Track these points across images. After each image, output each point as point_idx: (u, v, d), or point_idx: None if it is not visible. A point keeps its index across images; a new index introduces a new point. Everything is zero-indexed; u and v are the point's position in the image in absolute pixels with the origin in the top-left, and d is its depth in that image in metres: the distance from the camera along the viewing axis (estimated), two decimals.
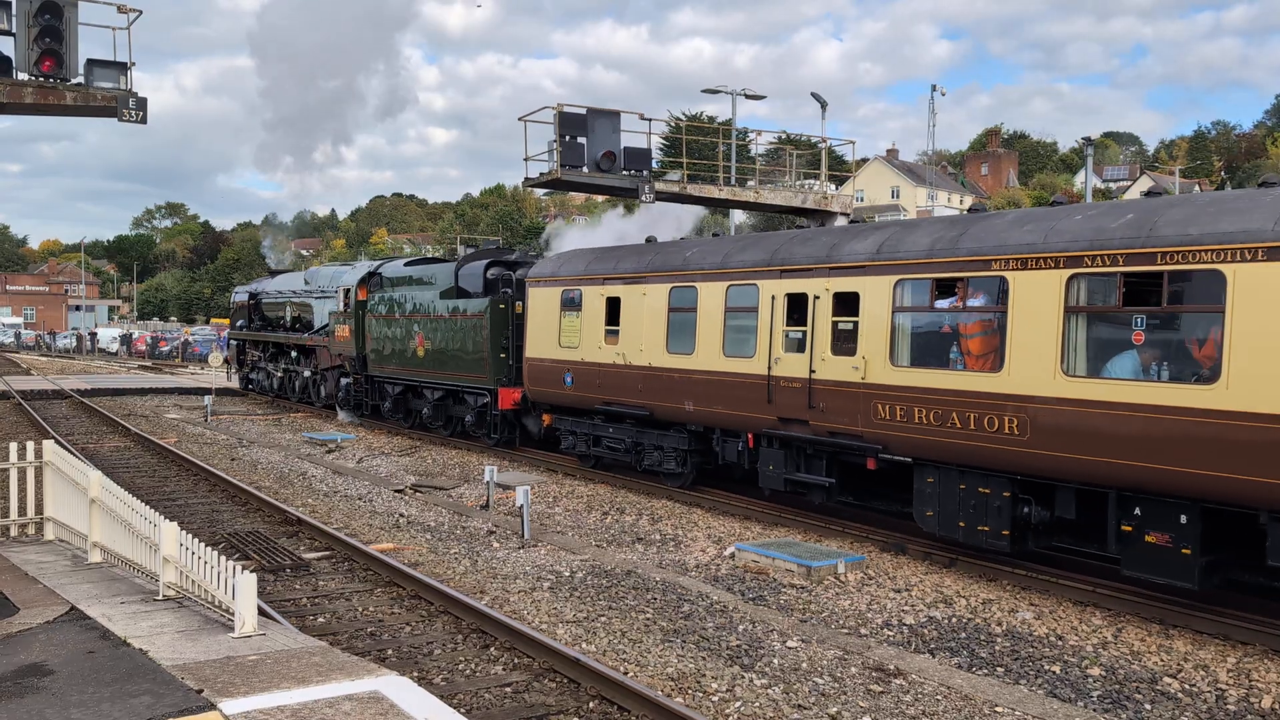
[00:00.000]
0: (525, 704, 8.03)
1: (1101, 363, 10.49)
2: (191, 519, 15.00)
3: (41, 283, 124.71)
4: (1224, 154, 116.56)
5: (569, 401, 18.99)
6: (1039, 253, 10.99)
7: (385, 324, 25.49)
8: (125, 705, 6.24)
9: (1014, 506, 11.32)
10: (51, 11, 15.48)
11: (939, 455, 12.02)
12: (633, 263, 17.58)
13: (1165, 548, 10.01)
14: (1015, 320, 11.13)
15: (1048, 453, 10.79)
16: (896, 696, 8.25)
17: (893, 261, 12.66)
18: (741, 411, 14.90)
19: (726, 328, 15.26)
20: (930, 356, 12.26)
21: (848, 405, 13.11)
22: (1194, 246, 9.65)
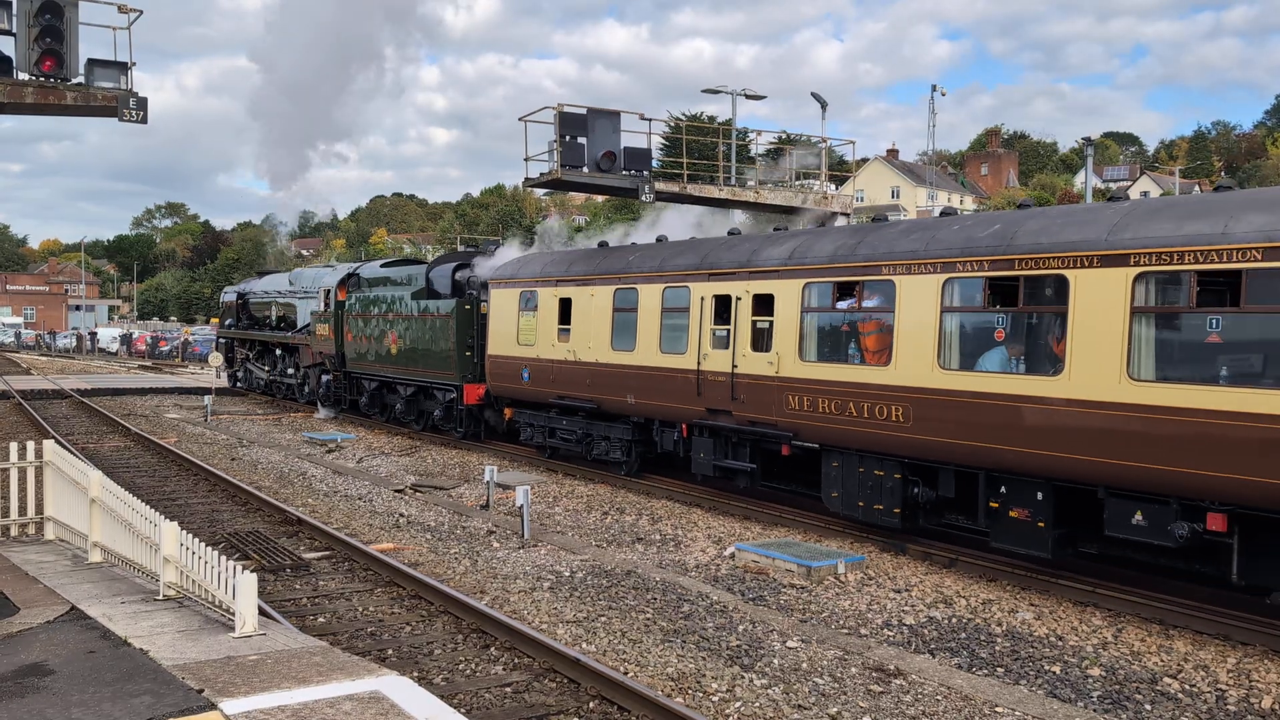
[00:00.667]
0: (525, 704, 8.03)
1: (972, 358, 11.78)
2: (192, 519, 15.00)
3: (41, 282, 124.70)
4: (1224, 154, 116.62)
5: (527, 396, 20.21)
6: (921, 259, 12.27)
7: (362, 323, 26.67)
8: (126, 705, 6.24)
9: (904, 487, 12.63)
10: (52, 11, 15.48)
11: (841, 441, 13.34)
12: (583, 266, 18.89)
13: (1025, 522, 11.28)
14: (901, 319, 12.43)
15: (928, 438, 12.07)
16: (896, 697, 8.25)
17: (802, 266, 14.02)
18: (676, 404, 16.20)
19: (663, 326, 16.56)
20: (833, 352, 13.66)
21: (764, 397, 14.41)
22: (1044, 254, 10.96)
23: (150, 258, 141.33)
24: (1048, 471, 10.87)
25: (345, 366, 27.85)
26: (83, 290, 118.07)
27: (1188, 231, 9.82)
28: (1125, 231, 10.36)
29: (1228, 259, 9.43)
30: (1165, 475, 9.78)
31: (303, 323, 31.20)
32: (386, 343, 25.37)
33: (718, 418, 15.34)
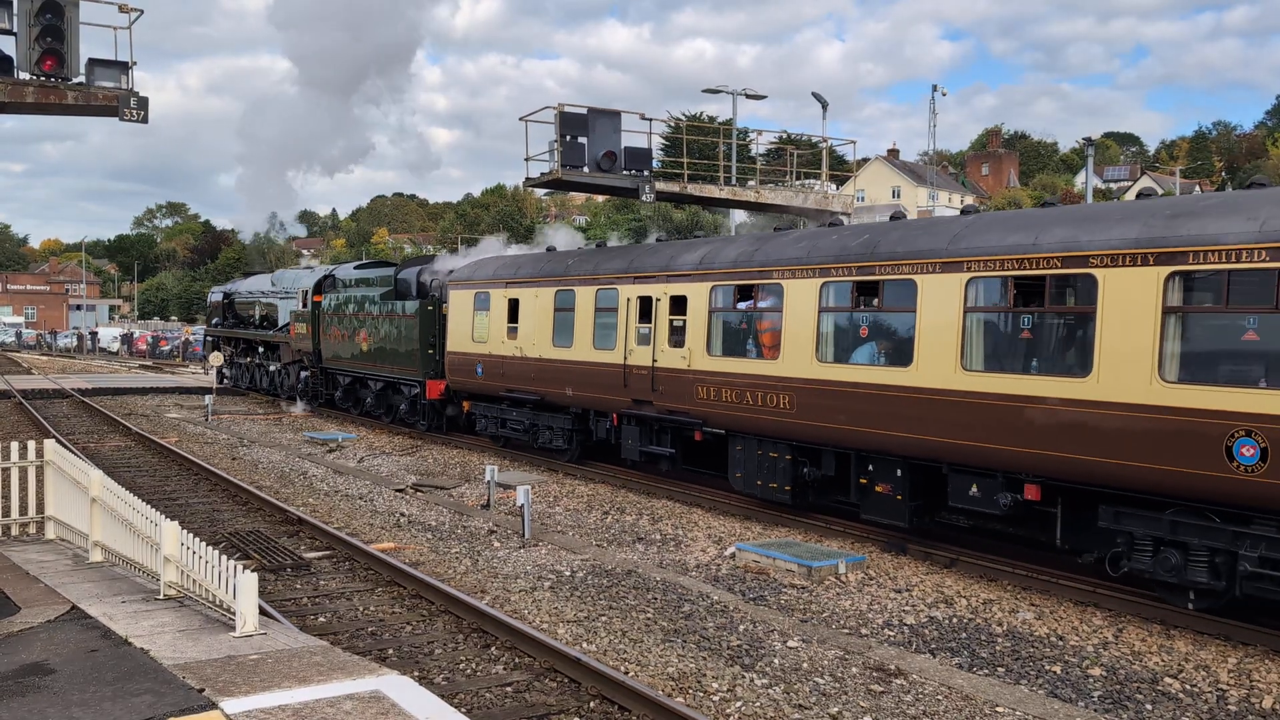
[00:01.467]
0: (526, 703, 8.03)
1: (845, 352, 13.42)
2: (192, 518, 15.01)
3: (42, 282, 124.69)
4: (1225, 154, 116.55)
5: (481, 389, 21.88)
6: (803, 264, 13.93)
7: (337, 322, 28.29)
8: (127, 704, 6.24)
9: (794, 467, 14.26)
10: (53, 11, 15.46)
11: (742, 427, 14.96)
12: (529, 269, 20.52)
13: (888, 496, 12.94)
14: (788, 317, 14.04)
15: (810, 423, 13.72)
16: (897, 696, 8.25)
17: (710, 271, 15.67)
18: (607, 395, 17.83)
19: (596, 325, 18.11)
20: (734, 348, 15.25)
21: (679, 388, 16.06)
22: (899, 260, 12.54)
23: (151, 257, 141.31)
24: (904, 451, 12.49)
25: (321, 363, 29.43)
26: (83, 290, 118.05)
27: (1009, 242, 11.37)
28: (962, 241, 11.91)
29: (1036, 266, 11.06)
30: (991, 452, 11.34)
31: (283, 322, 32.65)
32: (358, 341, 26.92)
33: (642, 407, 16.99)
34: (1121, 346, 10.20)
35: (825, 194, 27.16)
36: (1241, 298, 9.49)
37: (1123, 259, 10.32)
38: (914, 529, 13.04)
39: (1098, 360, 10.36)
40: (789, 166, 29.47)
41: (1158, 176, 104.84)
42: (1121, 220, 10.63)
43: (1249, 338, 9.52)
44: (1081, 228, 10.90)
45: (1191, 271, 9.79)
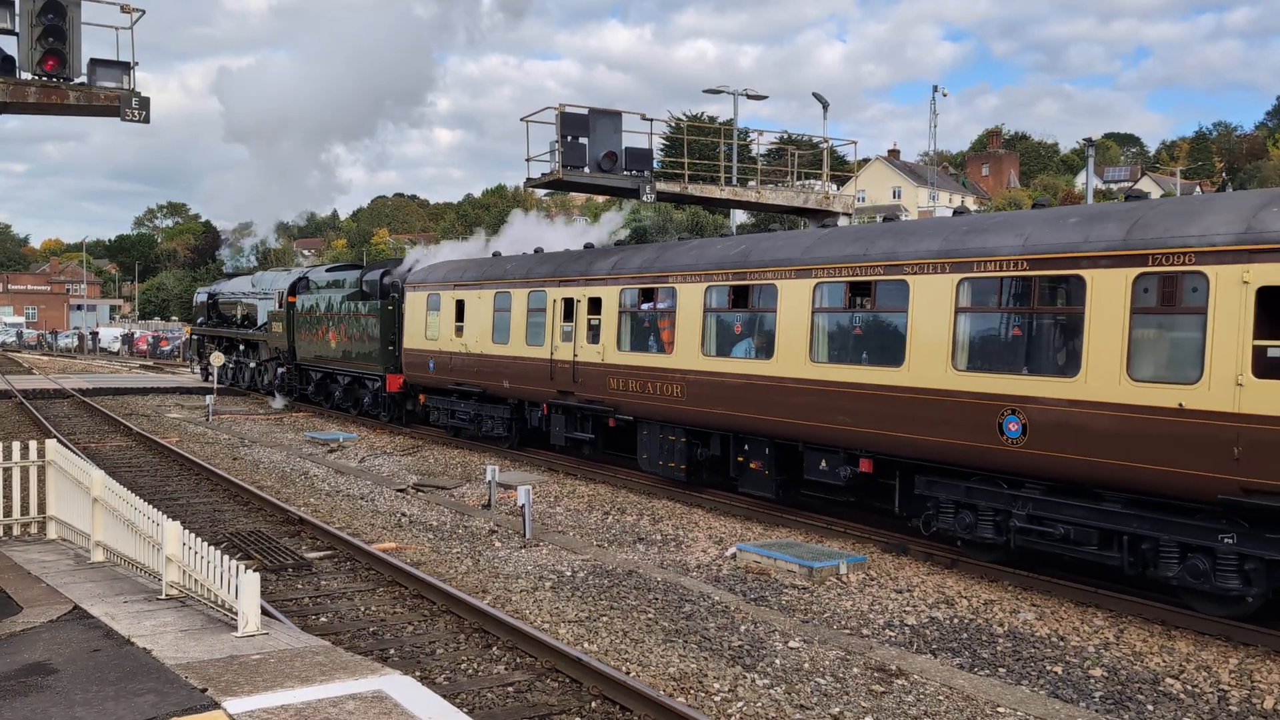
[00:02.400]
0: (528, 703, 8.04)
1: (725, 346, 15.56)
2: (194, 518, 15.01)
3: (43, 282, 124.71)
4: (1225, 155, 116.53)
5: (433, 383, 24.00)
6: (693, 271, 16.14)
7: (309, 321, 30.22)
8: (129, 704, 6.25)
9: (689, 449, 16.34)
10: (54, 11, 15.47)
11: (646, 414, 17.03)
12: (474, 273, 22.63)
13: (759, 471, 15.05)
14: (680, 317, 16.20)
15: (698, 409, 15.78)
16: (899, 697, 8.25)
17: (620, 275, 17.82)
18: (537, 387, 19.96)
19: (528, 324, 20.20)
20: (639, 343, 17.31)
21: (596, 380, 18.06)
22: (764, 268, 14.77)
23: (151, 257, 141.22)
24: (770, 432, 14.59)
25: (296, 360, 31.37)
26: (84, 290, 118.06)
27: (846, 253, 13.50)
28: (812, 252, 14.05)
29: (865, 273, 13.08)
30: (833, 432, 13.42)
31: (262, 321, 34.58)
32: (328, 339, 28.89)
33: (566, 398, 19.00)
34: (926, 340, 12.18)
35: (826, 194, 27.17)
36: (1010, 300, 11.60)
37: (928, 267, 12.31)
38: (780, 500, 15.07)
39: (909, 352, 12.37)
40: (790, 167, 29.48)
41: (1158, 177, 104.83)
42: (929, 235, 12.63)
43: (1015, 333, 11.58)
44: (900, 241, 12.87)
45: (975, 278, 11.79)
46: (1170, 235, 10.19)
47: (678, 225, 68.25)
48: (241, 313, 37.25)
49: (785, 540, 13.42)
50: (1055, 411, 10.78)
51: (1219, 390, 9.51)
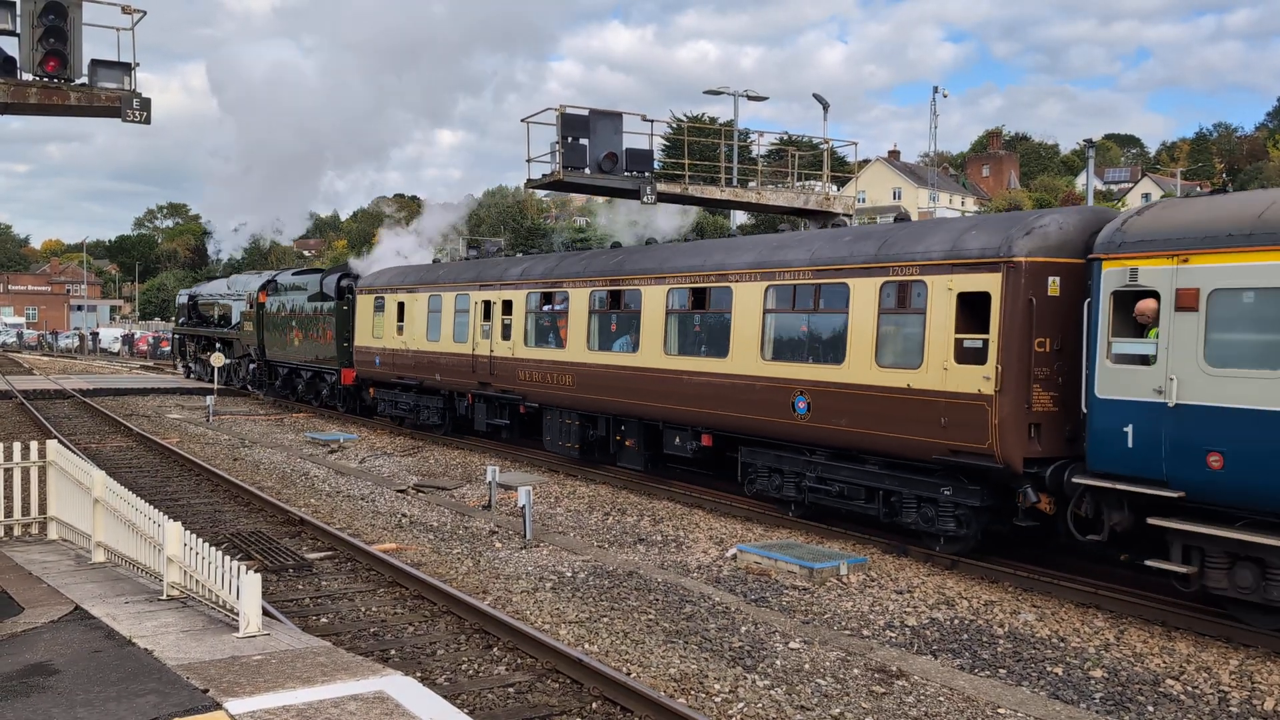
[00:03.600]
0: (528, 704, 8.05)
1: (606, 342, 18.13)
2: (194, 519, 15.01)
3: (44, 283, 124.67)
4: (1225, 156, 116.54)
5: (380, 377, 26.40)
6: (581, 277, 18.74)
7: (276, 321, 32.66)
8: (131, 704, 6.25)
9: (581, 430, 18.79)
10: (55, 12, 15.49)
11: (548, 401, 19.61)
12: (413, 278, 25.43)
13: (632, 448, 17.76)
14: (571, 317, 18.83)
15: (587, 396, 18.32)
16: (899, 698, 8.26)
17: (528, 281, 20.48)
18: (462, 379, 22.56)
19: (455, 323, 22.71)
20: (542, 339, 19.97)
21: (509, 372, 20.67)
22: (630, 276, 17.49)
23: (152, 258, 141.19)
24: (640, 414, 17.26)
25: (265, 356, 33.69)
26: (84, 290, 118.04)
27: (690, 264, 16.30)
28: (666, 263, 16.89)
29: (702, 281, 15.86)
30: (682, 413, 16.15)
31: (235, 321, 37.41)
32: (292, 337, 31.36)
33: (485, 388, 21.65)
34: (744, 336, 14.85)
35: (826, 195, 27.17)
36: (801, 303, 14.26)
37: (746, 276, 14.99)
38: (647, 471, 17.74)
39: (732, 346, 15.07)
40: (790, 168, 29.49)
41: (1158, 178, 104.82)
42: (749, 249, 15.36)
43: (803, 329, 14.25)
44: (728, 254, 15.68)
45: (778, 285, 14.47)
46: (905, 252, 12.73)
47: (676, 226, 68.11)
48: (218, 313, 39.95)
49: (786, 541, 13.42)
50: (829, 392, 13.46)
51: (933, 374, 12.12)
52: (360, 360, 27.05)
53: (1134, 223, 10.61)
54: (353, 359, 27.50)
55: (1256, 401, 9.23)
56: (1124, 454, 10.21)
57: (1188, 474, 9.71)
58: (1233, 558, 9.57)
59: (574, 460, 19.34)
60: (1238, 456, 9.33)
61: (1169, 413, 9.86)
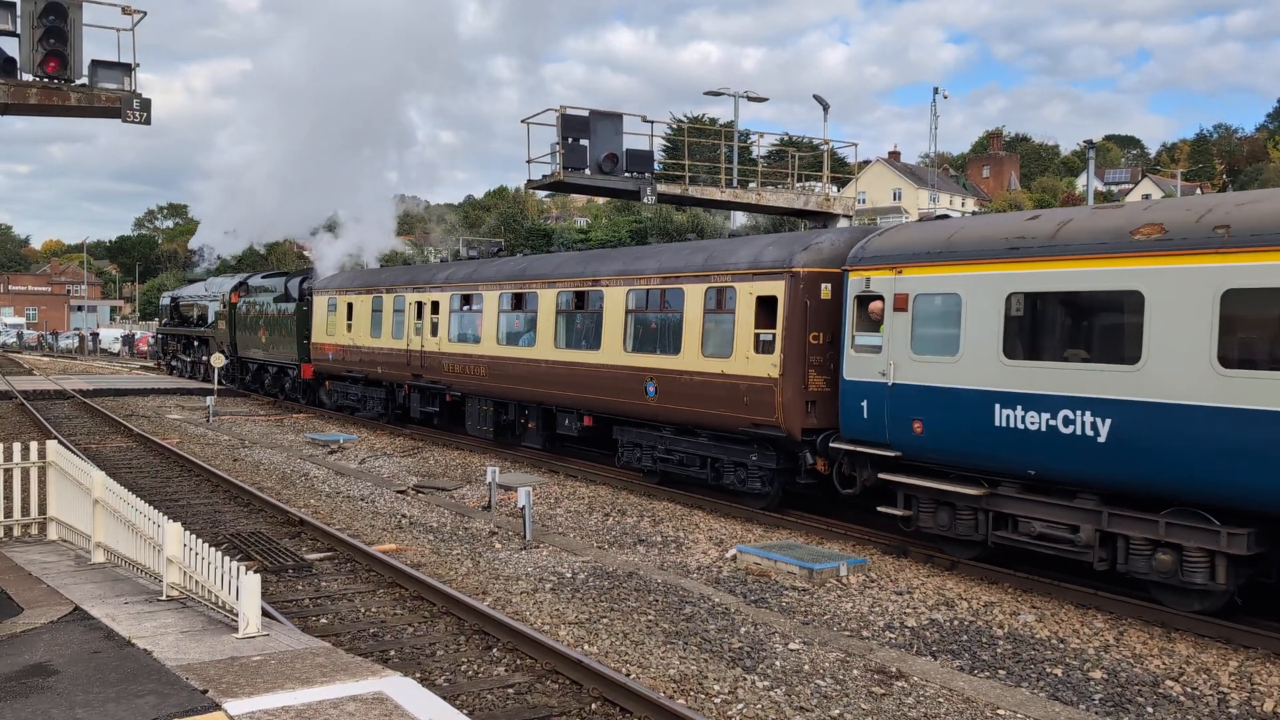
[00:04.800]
0: (528, 705, 8.05)
1: (511, 338, 20.85)
2: (194, 520, 15.01)
3: (44, 283, 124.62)
4: (1226, 157, 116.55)
5: (332, 371, 29.30)
6: (493, 281, 21.62)
7: (246, 320, 35.49)
8: (130, 705, 6.26)
9: (495, 415, 21.78)
10: (56, 13, 15.50)
11: (468, 390, 22.53)
12: (360, 281, 28.40)
13: (534, 430, 20.72)
14: (484, 315, 21.72)
15: (497, 385, 21.22)
16: (899, 699, 8.26)
17: (451, 284, 23.35)
18: (399, 372, 25.42)
19: (394, 322, 25.52)
20: (463, 336, 22.60)
21: (436, 365, 23.53)
22: (532, 280, 20.24)
23: (152, 258, 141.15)
24: (538, 400, 20.07)
25: (237, 353, 36.46)
26: (85, 291, 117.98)
27: (574, 271, 19.03)
28: (558, 269, 19.57)
29: (582, 285, 18.65)
30: (570, 398, 18.84)
31: (210, 320, 40.13)
32: (259, 335, 34.28)
33: (418, 380, 24.36)
34: (613, 331, 17.51)
35: (826, 196, 27.17)
36: (652, 304, 16.95)
37: (614, 281, 17.69)
38: (546, 450, 20.67)
39: (603, 340, 17.71)
40: (790, 169, 29.48)
41: (1159, 179, 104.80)
42: (616, 259, 18.27)
43: (653, 326, 16.93)
44: (601, 263, 18.48)
45: (636, 289, 17.23)
46: (723, 263, 15.58)
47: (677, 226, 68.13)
48: (197, 313, 42.62)
49: (786, 542, 13.42)
50: (671, 378, 16.18)
51: (739, 361, 14.88)
52: (316, 356, 29.86)
53: (872, 242, 13.32)
54: (310, 355, 30.34)
55: (941, 380, 11.91)
56: (862, 423, 12.96)
57: (902, 438, 12.45)
58: (935, 503, 12.25)
59: (489, 441, 22.31)
60: (931, 422, 12.05)
61: (889, 390, 12.58)
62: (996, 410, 11.20)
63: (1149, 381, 9.94)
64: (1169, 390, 9.79)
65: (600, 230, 77.17)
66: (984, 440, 11.35)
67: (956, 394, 11.70)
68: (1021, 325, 11.27)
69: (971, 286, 11.68)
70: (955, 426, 11.69)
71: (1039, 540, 11.13)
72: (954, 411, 11.68)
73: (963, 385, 11.63)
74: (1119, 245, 10.38)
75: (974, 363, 11.50)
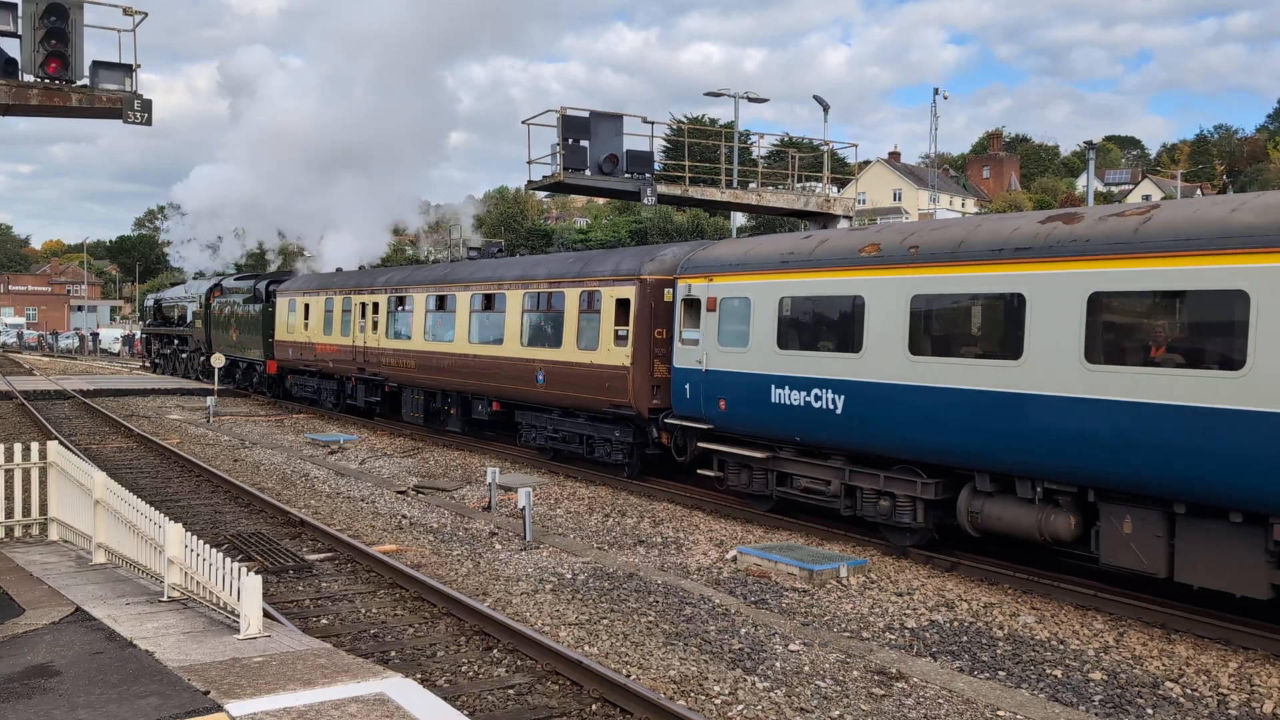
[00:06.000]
0: (528, 706, 8.06)
1: (436, 334, 23.68)
2: (195, 520, 15.02)
3: (44, 283, 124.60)
4: (1226, 158, 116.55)
5: (292, 366, 32.37)
6: (422, 284, 24.74)
7: (220, 319, 38.53)
8: (132, 706, 6.27)
9: (425, 404, 24.59)
10: (57, 14, 15.51)
11: (403, 381, 25.46)
12: (316, 284, 31.56)
13: (455, 416, 23.47)
14: (415, 315, 24.62)
15: (426, 377, 24.10)
16: (899, 700, 8.27)
17: (388, 287, 26.41)
18: (347, 366, 28.46)
19: (343, 321, 28.58)
20: (398, 333, 25.55)
21: (376, 360, 26.59)
22: (452, 284, 23.16)
23: (152, 258, 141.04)
24: (458, 389, 23.04)
25: (211, 350, 38.73)
26: (85, 291, 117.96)
27: (485, 276, 21.97)
28: (473, 275, 22.42)
29: (492, 288, 21.44)
30: (481, 387, 21.87)
31: (189, 320, 43.41)
32: (231, 333, 37.17)
33: (363, 373, 27.50)
34: (512, 329, 20.55)
35: (827, 197, 27.17)
36: (541, 305, 19.84)
37: (514, 285, 20.66)
38: (465, 433, 23.73)
39: (505, 336, 20.71)
40: (790, 170, 29.48)
41: (1159, 180, 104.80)
42: (515, 267, 21.32)
43: (542, 324, 19.73)
44: (506, 269, 21.50)
45: (531, 291, 20.12)
46: (593, 271, 18.47)
47: (677, 227, 68.11)
48: (178, 314, 45.80)
49: (786, 543, 13.43)
50: (555, 368, 18.99)
51: (603, 354, 17.65)
52: (279, 353, 32.85)
53: (696, 255, 16.41)
54: (274, 352, 33.24)
55: (737, 367, 14.86)
56: (687, 403, 15.84)
57: (712, 414, 15.37)
58: (739, 465, 15.19)
59: (420, 426, 25.29)
60: (731, 401, 14.99)
61: (704, 375, 15.49)
62: (773, 390, 14.17)
63: (867, 366, 12.81)
64: (880, 373, 12.60)
65: (600, 230, 77.19)
66: (766, 414, 14.33)
67: (748, 377, 14.65)
68: (789, 322, 14.17)
69: (758, 292, 14.63)
70: (747, 404, 14.65)
71: (805, 493, 14.14)
72: (746, 391, 14.65)
73: (751, 370, 14.61)
74: (850, 260, 13.30)
75: (758, 353, 14.48)
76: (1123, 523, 10.23)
